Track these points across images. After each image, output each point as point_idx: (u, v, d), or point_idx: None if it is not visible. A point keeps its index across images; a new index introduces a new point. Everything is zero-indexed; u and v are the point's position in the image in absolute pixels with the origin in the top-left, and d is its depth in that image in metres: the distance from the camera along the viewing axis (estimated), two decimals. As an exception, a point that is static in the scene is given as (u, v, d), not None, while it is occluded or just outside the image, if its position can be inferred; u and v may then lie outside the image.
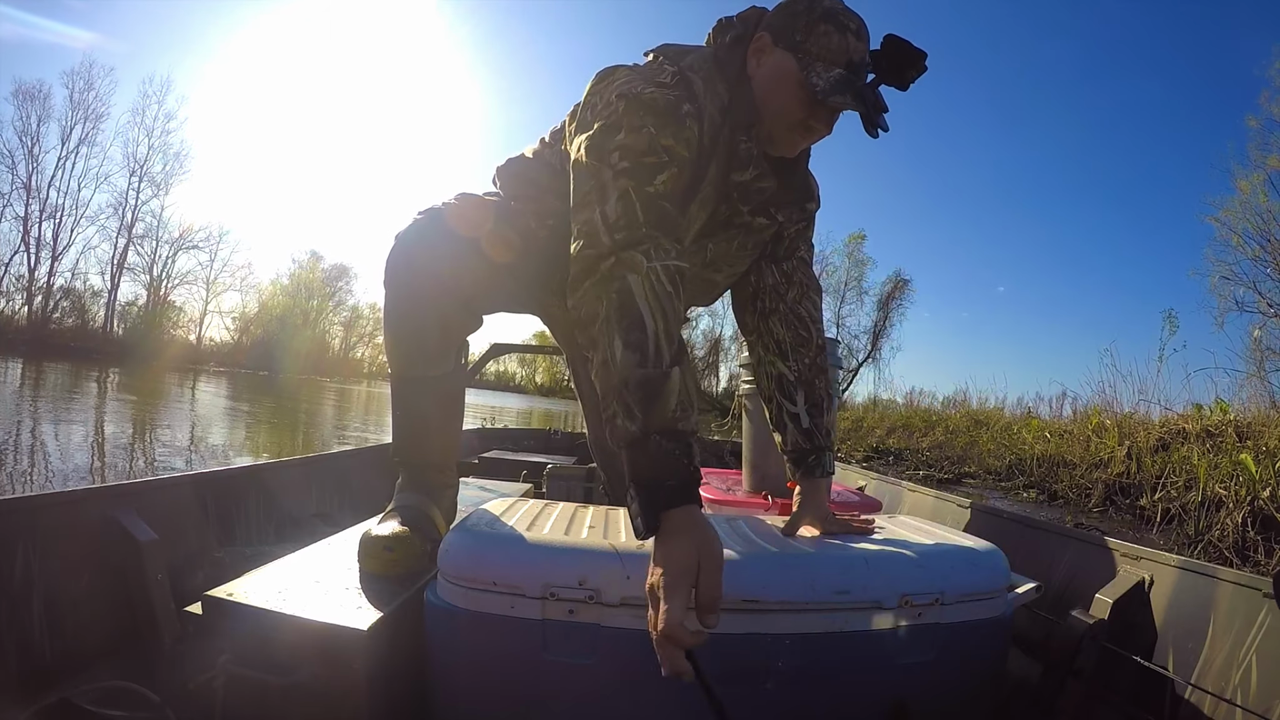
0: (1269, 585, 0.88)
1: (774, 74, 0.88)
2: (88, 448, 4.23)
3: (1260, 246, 11.74)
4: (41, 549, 0.93)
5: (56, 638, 0.91)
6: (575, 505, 1.03)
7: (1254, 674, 0.86)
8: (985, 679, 0.91)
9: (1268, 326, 10.46)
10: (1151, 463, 3.68)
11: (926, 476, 5.35)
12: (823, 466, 1.03)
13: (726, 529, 0.94)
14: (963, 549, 0.90)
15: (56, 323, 26.45)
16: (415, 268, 0.97)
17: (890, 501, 2.08)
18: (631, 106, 0.80)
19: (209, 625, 0.77)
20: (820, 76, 0.83)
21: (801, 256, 1.09)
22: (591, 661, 0.75)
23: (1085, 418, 5.02)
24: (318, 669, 0.73)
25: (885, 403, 14.81)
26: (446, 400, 1.07)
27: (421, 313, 0.99)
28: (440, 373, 1.04)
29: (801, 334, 1.06)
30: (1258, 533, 2.59)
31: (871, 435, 8.96)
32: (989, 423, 7.04)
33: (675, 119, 0.81)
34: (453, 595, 0.76)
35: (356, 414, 10.73)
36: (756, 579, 0.78)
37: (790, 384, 1.05)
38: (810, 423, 1.04)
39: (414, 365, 1.03)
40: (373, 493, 1.85)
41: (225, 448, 4.99)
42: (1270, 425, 3.41)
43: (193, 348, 30.54)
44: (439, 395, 1.06)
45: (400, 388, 1.05)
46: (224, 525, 1.31)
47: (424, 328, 1.00)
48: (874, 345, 27.03)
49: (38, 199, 26.15)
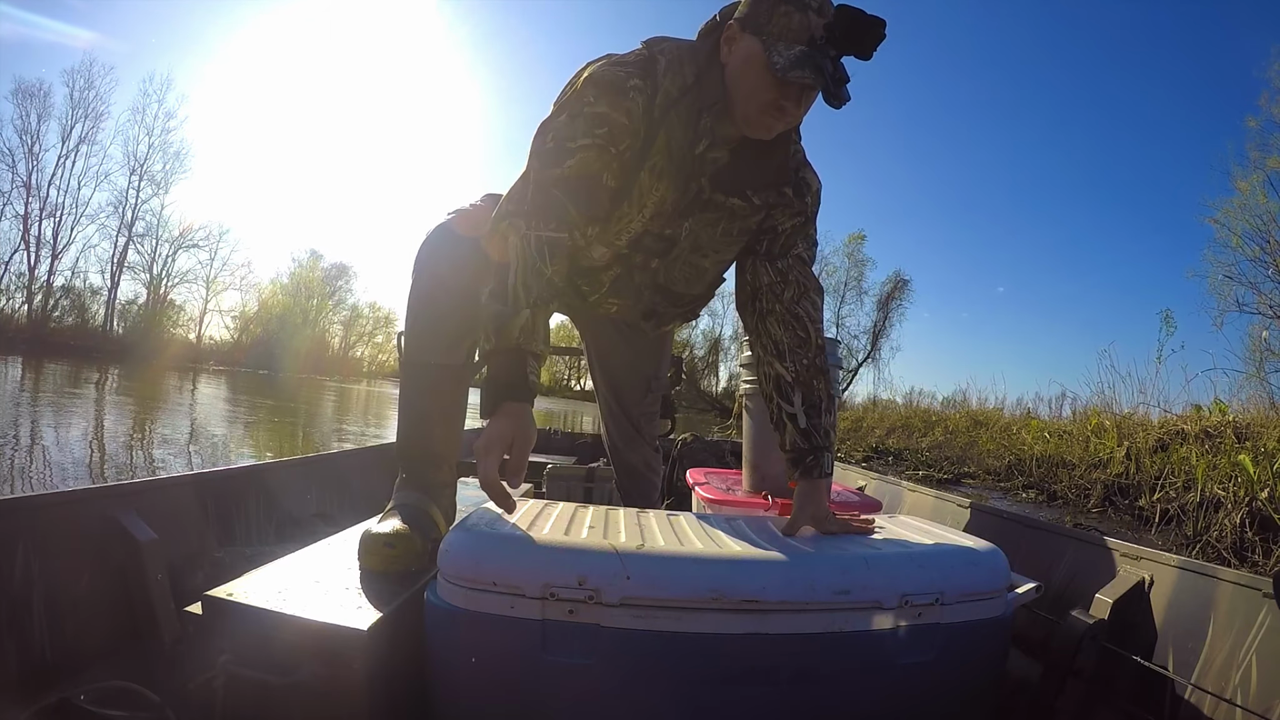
0: (1269, 585, 0.88)
1: (742, 58, 0.93)
2: (86, 448, 4.23)
3: (1260, 247, 11.73)
4: (41, 549, 0.93)
5: (56, 638, 0.91)
6: (575, 505, 1.03)
7: (1254, 674, 0.86)
8: (985, 679, 0.91)
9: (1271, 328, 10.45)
10: (1150, 463, 3.67)
11: (926, 476, 5.35)
12: (820, 467, 1.03)
13: (726, 529, 0.94)
14: (963, 549, 0.90)
15: (56, 321, 26.40)
16: (440, 258, 1.06)
17: (890, 501, 2.08)
18: (585, 85, 0.94)
19: (209, 625, 0.77)
20: (780, 55, 0.87)
21: (799, 255, 1.09)
22: (591, 661, 0.75)
23: (1084, 418, 5.02)
24: (318, 669, 0.73)
25: (885, 403, 14.79)
26: (452, 392, 1.11)
27: (441, 300, 1.06)
28: (450, 363, 1.08)
29: (799, 334, 1.06)
30: (1256, 533, 2.58)
31: (871, 435, 8.96)
32: (988, 423, 7.03)
33: (618, 91, 0.93)
34: (453, 595, 0.76)
35: (356, 414, 10.73)
36: (756, 579, 0.78)
37: (788, 385, 1.06)
38: (808, 423, 1.04)
39: (427, 351, 1.08)
40: (373, 493, 1.85)
41: (224, 449, 4.99)
42: (1269, 426, 3.41)
43: (193, 346, 30.47)
44: (446, 385, 1.10)
45: (410, 373, 1.10)
46: (224, 525, 1.31)
47: (442, 315, 1.06)
48: (873, 345, 27.04)
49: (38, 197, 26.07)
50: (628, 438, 1.49)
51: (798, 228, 1.08)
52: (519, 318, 0.88)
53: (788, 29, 0.88)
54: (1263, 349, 8.48)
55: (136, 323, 28.49)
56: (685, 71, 0.96)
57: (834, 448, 1.06)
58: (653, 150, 0.98)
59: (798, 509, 1.01)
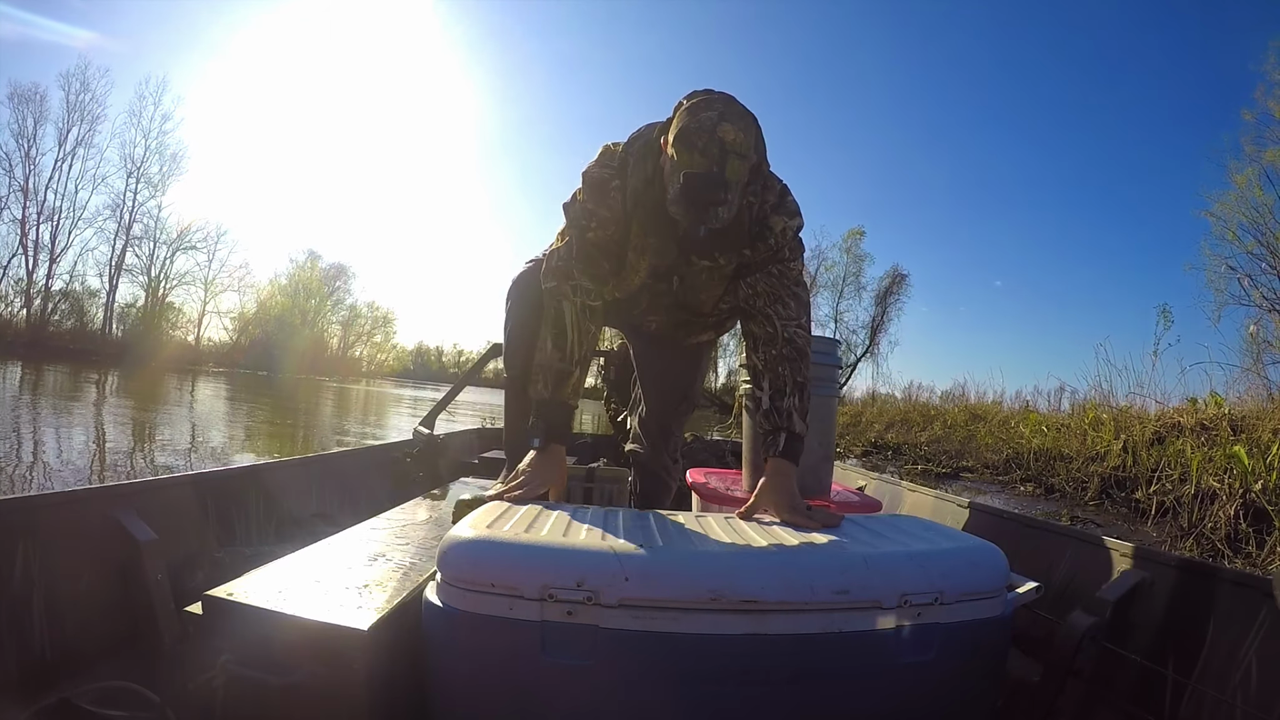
0: (1269, 585, 0.88)
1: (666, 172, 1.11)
2: (86, 451, 4.22)
3: (1255, 240, 11.72)
4: (41, 549, 0.93)
5: (56, 638, 0.91)
6: (574, 506, 1.03)
7: (1254, 674, 0.86)
8: (985, 679, 0.91)
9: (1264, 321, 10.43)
10: (1147, 456, 3.68)
11: (925, 471, 5.35)
12: (776, 445, 1.14)
13: (726, 528, 0.94)
14: (963, 549, 0.90)
15: (55, 325, 26.29)
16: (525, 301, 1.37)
17: (890, 501, 2.08)
18: (584, 183, 1.22)
19: (209, 625, 0.78)
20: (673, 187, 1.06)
21: (772, 271, 1.24)
22: (590, 663, 0.75)
23: (1082, 412, 5.01)
24: (318, 669, 0.73)
25: (883, 397, 14.77)
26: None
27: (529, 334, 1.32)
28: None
29: (768, 330, 1.22)
30: (1250, 525, 2.59)
31: (870, 430, 8.93)
32: (987, 417, 7.01)
33: (604, 192, 1.20)
34: (451, 596, 0.77)
35: (356, 415, 10.73)
36: (755, 579, 0.78)
37: (759, 372, 1.21)
38: (770, 405, 1.18)
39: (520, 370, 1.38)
40: (373, 493, 1.85)
41: (224, 456, 4.98)
42: (1264, 418, 3.41)
43: (192, 348, 30.38)
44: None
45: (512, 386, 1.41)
46: (224, 525, 1.31)
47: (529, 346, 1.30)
48: (872, 340, 26.88)
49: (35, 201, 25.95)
50: (654, 443, 1.64)
51: (769, 258, 1.23)
52: (572, 377, 1.19)
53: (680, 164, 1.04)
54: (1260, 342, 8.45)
55: (135, 325, 28.43)
56: (647, 167, 1.17)
57: (796, 430, 1.15)
58: (631, 234, 1.22)
59: (759, 492, 1.09)
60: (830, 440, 1.67)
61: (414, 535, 1.15)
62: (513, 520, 0.87)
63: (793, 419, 1.15)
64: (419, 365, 63.19)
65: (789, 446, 1.14)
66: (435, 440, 2.12)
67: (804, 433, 1.16)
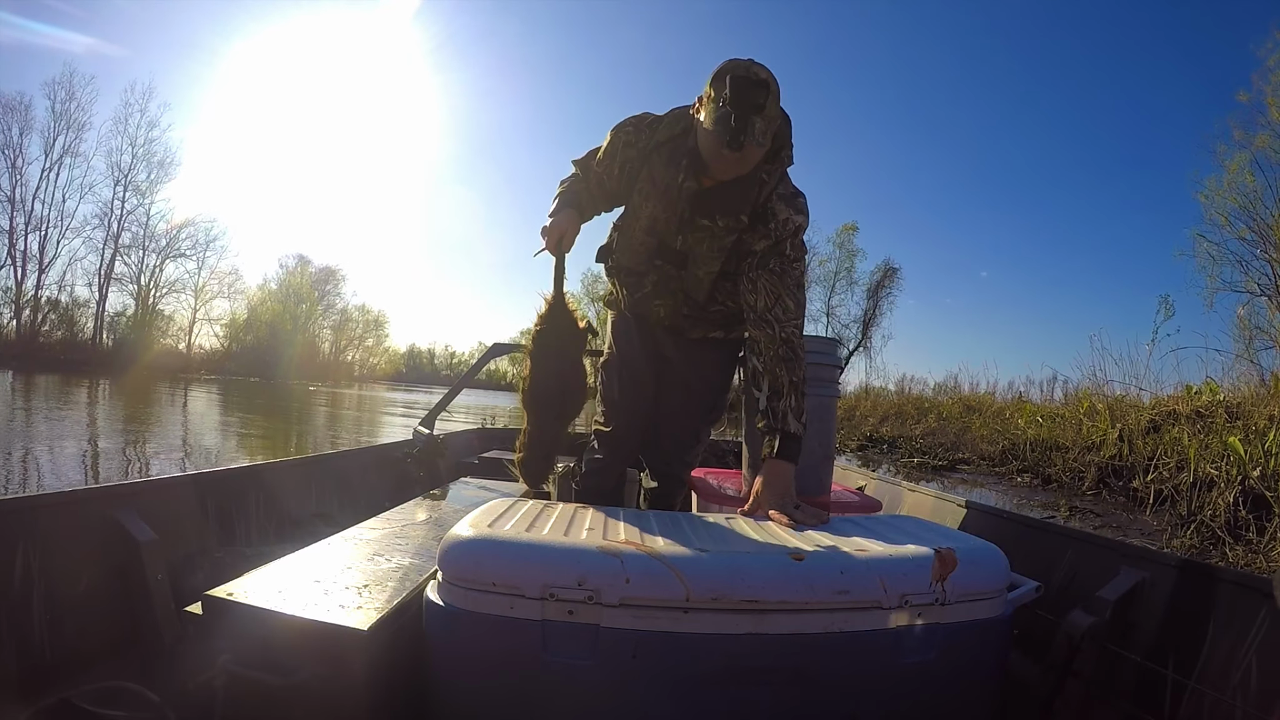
0: (1269, 585, 0.88)
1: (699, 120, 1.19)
2: (79, 461, 4.19)
3: (1246, 226, 11.70)
4: (41, 549, 0.93)
5: (56, 638, 0.91)
6: (575, 506, 1.03)
7: (1254, 674, 0.86)
8: (985, 679, 0.91)
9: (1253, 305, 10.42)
10: (1143, 445, 3.66)
11: (921, 464, 5.34)
12: (774, 447, 1.17)
13: (726, 529, 0.95)
14: (963, 549, 0.90)
15: (46, 335, 26.00)
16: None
17: (890, 501, 2.08)
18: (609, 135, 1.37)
19: (209, 625, 0.77)
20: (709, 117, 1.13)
21: (772, 269, 1.27)
22: (591, 662, 0.75)
23: (1077, 401, 4.96)
24: (318, 669, 0.73)
25: (877, 391, 14.77)
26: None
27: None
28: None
29: (768, 333, 1.26)
30: (1249, 512, 2.58)
31: (865, 424, 8.91)
32: (981, 408, 7.00)
33: (620, 136, 1.34)
34: (452, 596, 0.76)
35: (349, 421, 10.69)
36: (756, 579, 0.78)
37: (759, 374, 1.25)
38: (767, 405, 1.22)
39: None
40: (373, 493, 1.85)
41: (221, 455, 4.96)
42: (1259, 404, 3.39)
43: (183, 356, 30.18)
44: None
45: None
46: (224, 525, 1.31)
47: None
48: (865, 334, 26.80)
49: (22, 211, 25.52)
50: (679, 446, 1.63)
51: (769, 249, 1.27)
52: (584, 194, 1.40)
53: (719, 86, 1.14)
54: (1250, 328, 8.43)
55: (126, 334, 28.15)
56: (677, 126, 1.29)
57: (791, 431, 1.18)
58: (640, 177, 1.33)
59: (759, 492, 1.13)
60: (830, 440, 1.67)
61: (414, 535, 1.15)
62: (514, 520, 0.87)
63: (788, 420, 1.19)
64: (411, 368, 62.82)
65: (785, 447, 1.17)
66: (435, 440, 2.12)
67: (800, 433, 1.19)
